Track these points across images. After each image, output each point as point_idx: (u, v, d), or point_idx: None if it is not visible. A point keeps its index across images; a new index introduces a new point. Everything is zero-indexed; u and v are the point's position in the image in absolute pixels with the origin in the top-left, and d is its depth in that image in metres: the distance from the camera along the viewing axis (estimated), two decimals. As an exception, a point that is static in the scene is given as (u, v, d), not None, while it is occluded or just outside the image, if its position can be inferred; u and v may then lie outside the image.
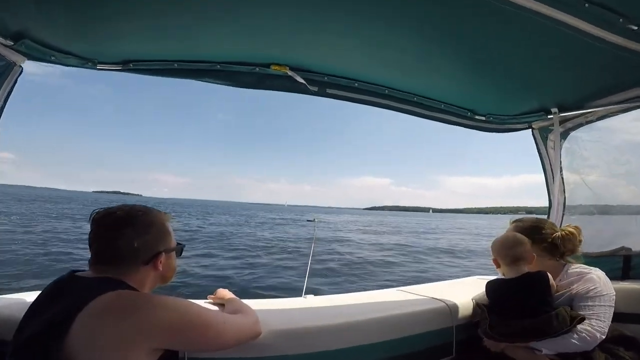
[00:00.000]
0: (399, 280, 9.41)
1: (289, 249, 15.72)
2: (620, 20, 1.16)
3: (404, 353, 1.41)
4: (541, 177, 2.25)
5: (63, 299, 0.80)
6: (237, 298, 1.33)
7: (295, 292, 2.10)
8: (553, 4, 1.10)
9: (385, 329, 1.41)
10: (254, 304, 1.33)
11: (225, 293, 1.38)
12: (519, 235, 1.46)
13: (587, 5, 1.10)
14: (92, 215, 0.91)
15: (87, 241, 0.91)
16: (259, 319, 1.13)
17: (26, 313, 0.84)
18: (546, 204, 2.22)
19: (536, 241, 1.48)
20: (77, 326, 0.71)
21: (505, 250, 1.43)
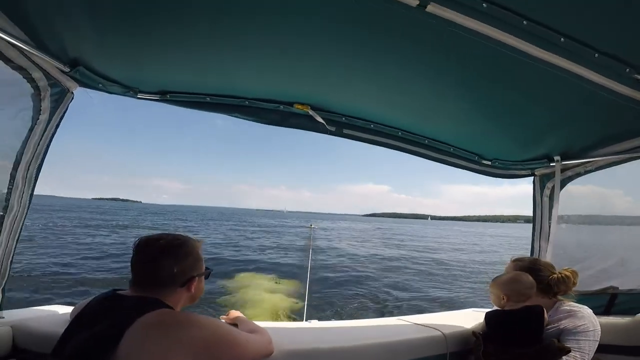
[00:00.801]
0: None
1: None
2: (627, 70, 1.20)
3: None
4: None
5: (110, 315, 0.89)
6: (247, 319, 1.45)
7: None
8: (565, 54, 1.16)
9: (383, 354, 1.54)
10: (264, 324, 1.45)
11: (236, 313, 1.49)
12: (531, 277, 1.56)
13: (597, 55, 1.15)
14: (137, 242, 1.02)
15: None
16: (271, 339, 1.24)
17: (69, 327, 0.93)
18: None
19: None
20: (126, 340, 0.80)
21: (525, 290, 1.53)
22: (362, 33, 1.22)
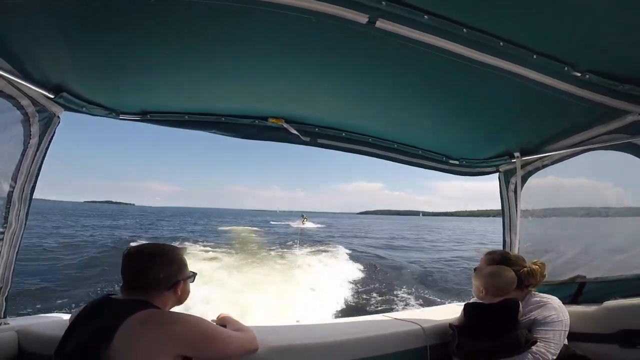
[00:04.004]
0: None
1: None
2: (565, 68, 1.26)
3: None
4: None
5: (104, 315, 0.98)
6: (235, 320, 1.53)
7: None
8: (506, 57, 1.23)
9: (366, 348, 1.62)
10: (253, 325, 1.52)
11: (225, 315, 1.57)
12: (512, 273, 1.56)
13: (535, 57, 1.21)
14: (126, 252, 1.13)
15: None
16: (256, 336, 1.33)
17: (68, 329, 1.02)
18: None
19: None
20: (118, 336, 0.90)
21: (504, 286, 1.54)
22: (322, 52, 1.32)
